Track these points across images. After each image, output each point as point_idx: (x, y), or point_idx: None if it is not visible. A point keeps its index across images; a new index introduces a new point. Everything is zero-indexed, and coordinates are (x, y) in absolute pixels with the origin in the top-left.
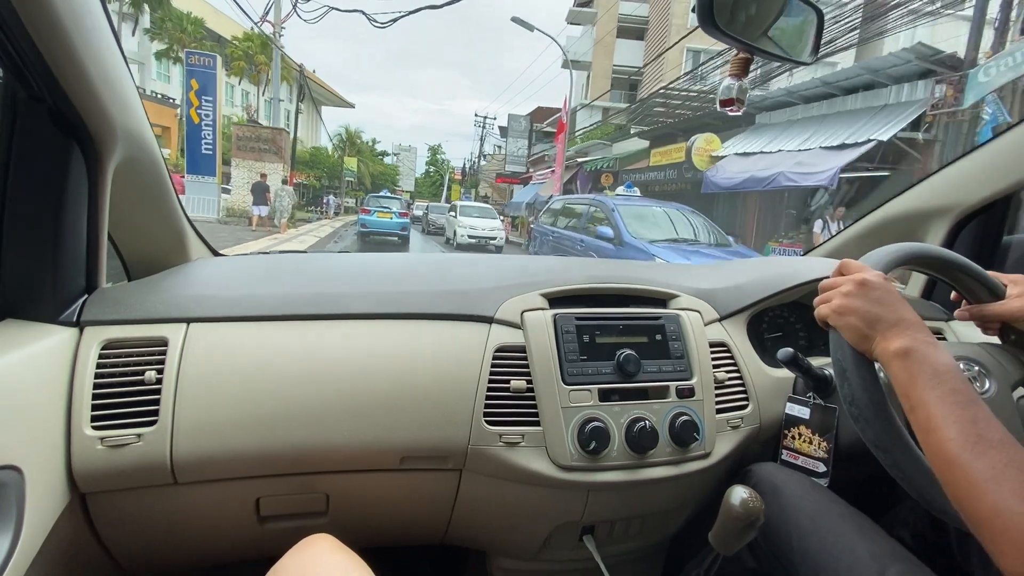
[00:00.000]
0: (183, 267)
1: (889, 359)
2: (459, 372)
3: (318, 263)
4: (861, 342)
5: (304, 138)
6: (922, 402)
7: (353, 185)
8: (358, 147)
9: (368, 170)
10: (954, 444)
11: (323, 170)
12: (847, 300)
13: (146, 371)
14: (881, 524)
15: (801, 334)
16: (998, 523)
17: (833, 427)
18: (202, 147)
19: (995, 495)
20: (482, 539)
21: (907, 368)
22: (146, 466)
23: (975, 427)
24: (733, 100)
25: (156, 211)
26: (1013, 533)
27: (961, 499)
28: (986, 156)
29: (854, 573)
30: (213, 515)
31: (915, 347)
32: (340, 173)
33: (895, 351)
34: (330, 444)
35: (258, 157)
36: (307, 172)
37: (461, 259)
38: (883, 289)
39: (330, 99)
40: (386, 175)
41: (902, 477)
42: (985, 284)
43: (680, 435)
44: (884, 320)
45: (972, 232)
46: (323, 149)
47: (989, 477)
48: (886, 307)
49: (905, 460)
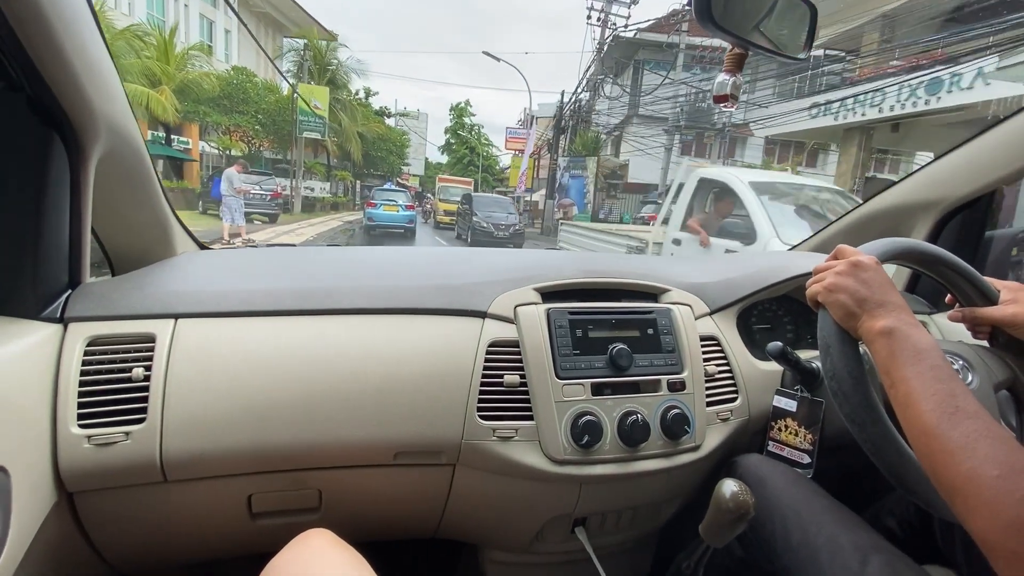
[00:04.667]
0: (169, 261)
1: (873, 337)
2: (452, 367)
3: (309, 257)
4: (847, 319)
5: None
6: (902, 378)
7: (333, 155)
8: (333, 80)
9: (354, 131)
10: (931, 415)
11: (255, 116)
12: (838, 279)
13: (133, 368)
14: (869, 513)
15: (789, 328)
16: (971, 488)
17: (819, 420)
18: None
19: (970, 462)
20: (475, 532)
21: (889, 346)
22: (135, 464)
23: (952, 400)
24: (727, 96)
25: (141, 204)
26: (986, 496)
27: (937, 467)
28: (970, 153)
29: (836, 563)
30: (204, 512)
31: (898, 327)
32: (292, 124)
33: (879, 329)
34: (322, 440)
35: None
36: (215, 118)
37: (454, 253)
38: (873, 271)
39: (294, 17)
40: (389, 144)
41: (873, 452)
42: (979, 288)
43: (671, 428)
44: (871, 300)
45: (956, 227)
46: (251, 75)
47: (964, 445)
48: (874, 288)
49: (878, 436)
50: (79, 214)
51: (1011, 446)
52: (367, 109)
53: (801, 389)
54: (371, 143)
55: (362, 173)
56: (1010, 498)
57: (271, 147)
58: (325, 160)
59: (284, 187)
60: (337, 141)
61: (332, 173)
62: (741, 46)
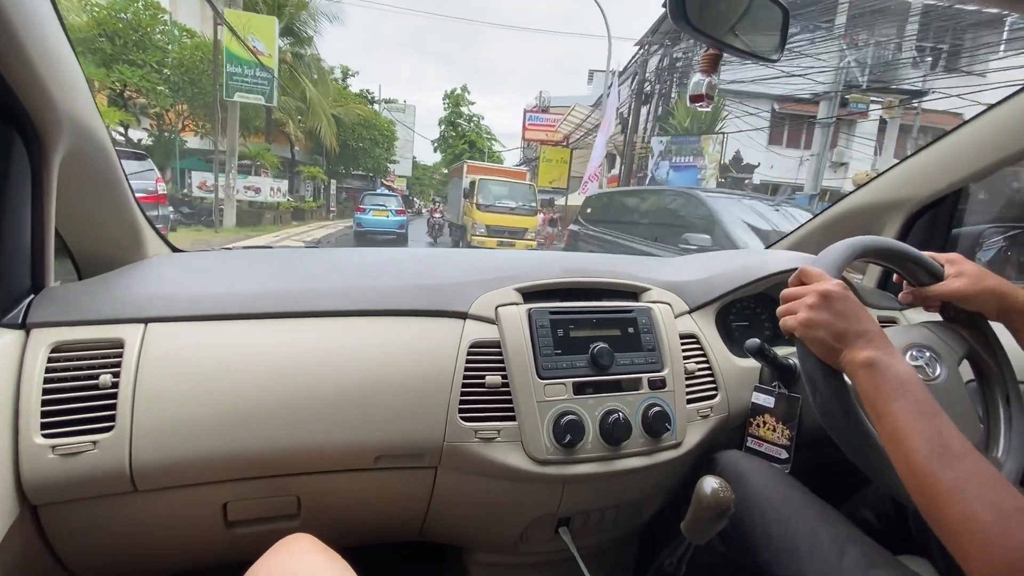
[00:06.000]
0: (139, 264)
1: (855, 370)
2: (433, 369)
3: (285, 259)
4: (828, 354)
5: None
6: (888, 412)
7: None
8: (292, 30)
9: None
10: (920, 455)
11: (157, 70)
12: (813, 314)
13: (100, 375)
14: (847, 506)
15: (767, 325)
16: (965, 532)
17: (796, 415)
18: None
19: (962, 504)
20: (458, 535)
21: (872, 378)
22: (103, 474)
23: (940, 438)
24: (703, 96)
25: (108, 205)
26: (980, 540)
27: (929, 508)
28: (937, 153)
29: (815, 556)
30: (177, 522)
31: (879, 358)
32: (215, 78)
33: (861, 362)
34: (300, 445)
35: None
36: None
37: (434, 253)
38: (845, 299)
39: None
40: (374, 132)
41: (876, 477)
42: (925, 267)
43: (652, 426)
44: (849, 332)
45: (925, 224)
46: (156, 6)
47: (955, 487)
48: (850, 320)
49: (878, 462)
50: (42, 215)
51: (1002, 487)
52: (341, 90)
53: (779, 385)
54: (350, 130)
55: (338, 172)
56: (1005, 544)
57: (197, 126)
58: (288, 152)
59: (206, 183)
60: (303, 125)
61: (296, 169)
62: (716, 47)
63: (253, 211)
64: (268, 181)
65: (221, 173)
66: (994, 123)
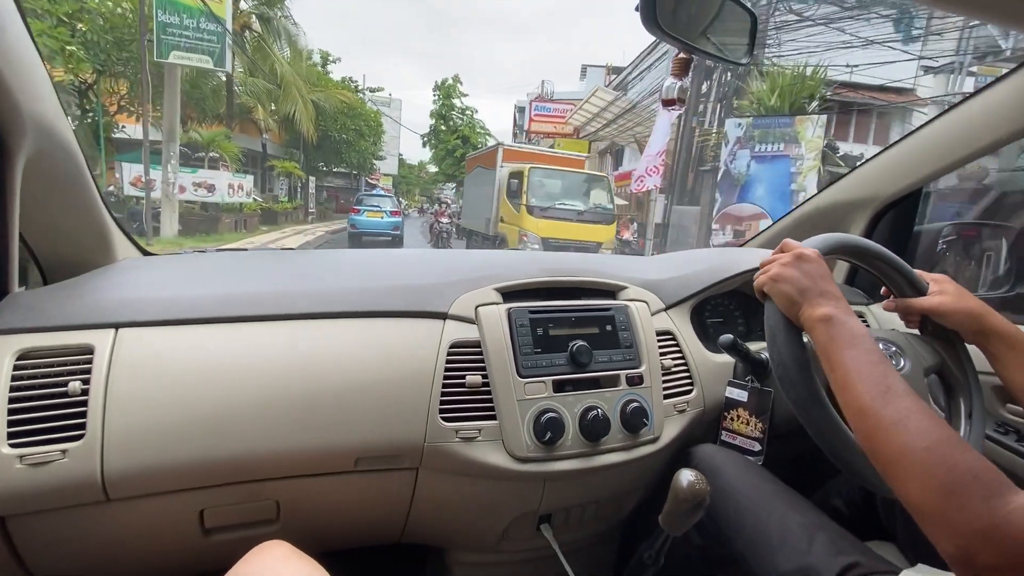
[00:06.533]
0: (108, 268)
1: (813, 324)
2: (413, 370)
3: (260, 261)
4: (790, 307)
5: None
6: (840, 362)
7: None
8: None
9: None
10: (866, 396)
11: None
12: (782, 270)
13: (70, 381)
14: (818, 495)
15: (740, 321)
16: (904, 460)
17: (768, 409)
18: None
19: (902, 436)
20: (441, 535)
21: (828, 331)
22: (73, 483)
23: (885, 380)
24: (675, 100)
25: (74, 208)
26: (917, 467)
27: (873, 443)
28: (899, 154)
29: (786, 545)
30: (152, 531)
31: (836, 314)
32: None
33: (818, 317)
34: (278, 449)
35: None
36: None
37: (413, 254)
38: (815, 263)
39: None
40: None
41: (817, 434)
42: (910, 280)
43: (631, 421)
44: (811, 290)
45: (889, 222)
46: None
47: (896, 421)
48: (814, 280)
49: (821, 418)
50: (5, 219)
51: (937, 421)
52: (325, 77)
53: (752, 380)
54: (331, 119)
55: (318, 168)
56: (939, 467)
57: (133, 106)
58: (259, 144)
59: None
60: (276, 112)
61: (268, 164)
62: (687, 51)
63: (208, 215)
64: (226, 176)
65: (159, 165)
66: (949, 126)
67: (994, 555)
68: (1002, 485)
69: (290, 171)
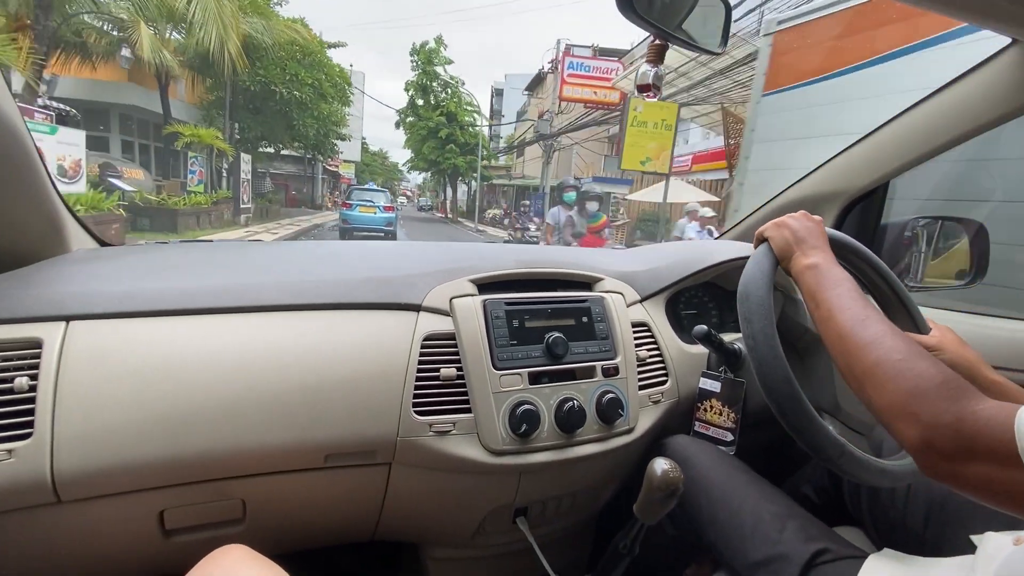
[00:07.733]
0: (60, 259)
1: (801, 270)
2: (385, 363)
3: (226, 252)
4: (785, 250)
5: None
6: (824, 299)
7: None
8: None
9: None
10: (847, 322)
11: None
12: (788, 219)
13: (16, 377)
14: (788, 483)
15: (714, 312)
16: (878, 370)
17: (741, 399)
18: None
19: (877, 351)
20: (415, 531)
21: (815, 276)
22: (21, 485)
23: (864, 311)
24: (650, 86)
25: (22, 194)
26: (890, 373)
27: (851, 361)
28: (868, 148)
29: (758, 533)
30: (107, 533)
31: (823, 263)
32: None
33: (807, 264)
34: (243, 446)
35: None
36: None
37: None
38: (817, 223)
39: None
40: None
41: (772, 398)
42: (913, 317)
43: (606, 412)
44: (807, 241)
45: (857, 215)
46: None
47: (873, 340)
48: (813, 236)
49: (778, 381)
50: None
51: (910, 341)
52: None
53: (725, 370)
54: (277, 67)
55: (256, 142)
56: (910, 372)
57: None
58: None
59: None
60: (182, 54)
61: (169, 131)
62: (662, 38)
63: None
64: (47, 140)
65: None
66: (917, 120)
67: (954, 444)
68: (969, 390)
69: (207, 143)
